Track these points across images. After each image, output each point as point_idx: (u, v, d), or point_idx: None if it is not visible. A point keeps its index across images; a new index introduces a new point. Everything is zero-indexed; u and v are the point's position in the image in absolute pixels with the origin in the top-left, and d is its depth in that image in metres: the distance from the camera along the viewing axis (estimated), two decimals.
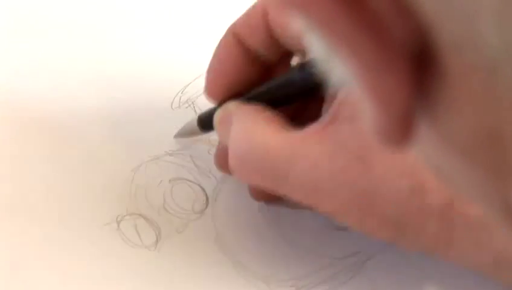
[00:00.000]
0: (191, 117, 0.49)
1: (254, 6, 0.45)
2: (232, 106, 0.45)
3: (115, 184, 0.47)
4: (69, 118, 0.50)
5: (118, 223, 0.46)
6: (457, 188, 0.23)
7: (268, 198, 0.47)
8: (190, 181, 0.48)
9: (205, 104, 0.49)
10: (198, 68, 0.50)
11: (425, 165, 0.23)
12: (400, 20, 0.18)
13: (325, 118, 0.41)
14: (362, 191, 0.40)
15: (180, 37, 0.53)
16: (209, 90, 0.46)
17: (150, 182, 0.48)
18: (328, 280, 0.45)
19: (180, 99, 0.51)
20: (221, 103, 0.45)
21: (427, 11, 0.18)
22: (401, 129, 0.20)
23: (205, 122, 0.47)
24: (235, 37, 0.45)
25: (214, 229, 0.46)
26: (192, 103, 0.51)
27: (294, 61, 0.46)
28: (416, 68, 0.19)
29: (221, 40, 0.46)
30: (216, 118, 0.45)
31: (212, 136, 0.48)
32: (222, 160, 0.45)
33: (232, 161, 0.42)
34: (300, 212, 0.47)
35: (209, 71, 0.46)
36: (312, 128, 0.41)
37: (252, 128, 0.42)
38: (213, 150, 0.49)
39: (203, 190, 0.48)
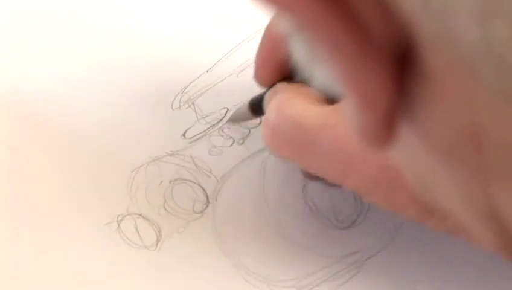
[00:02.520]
0: (191, 117, 0.49)
1: None
2: (280, 86, 0.45)
3: (115, 185, 0.47)
4: (69, 118, 0.50)
5: (119, 222, 0.46)
6: (436, 192, 0.23)
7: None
8: (190, 181, 0.48)
9: (206, 104, 0.49)
10: (198, 68, 0.50)
11: (403, 168, 0.23)
12: (381, 20, 0.18)
13: None
14: (391, 165, 0.38)
15: (180, 37, 0.53)
16: (258, 75, 0.46)
17: (151, 182, 0.48)
18: (328, 280, 0.45)
19: (180, 99, 0.51)
20: (271, 86, 0.46)
21: (406, 9, 0.18)
22: (383, 129, 0.20)
23: (256, 106, 0.47)
24: None
25: (214, 229, 0.46)
26: (193, 103, 0.51)
27: None
28: (399, 68, 0.19)
29: (269, 23, 0.45)
30: (266, 99, 0.45)
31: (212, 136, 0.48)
32: None
33: (264, 132, 0.42)
34: (300, 212, 0.47)
35: (257, 55, 0.46)
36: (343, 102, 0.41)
37: (286, 100, 0.42)
38: (214, 150, 0.49)
39: (204, 190, 0.48)
